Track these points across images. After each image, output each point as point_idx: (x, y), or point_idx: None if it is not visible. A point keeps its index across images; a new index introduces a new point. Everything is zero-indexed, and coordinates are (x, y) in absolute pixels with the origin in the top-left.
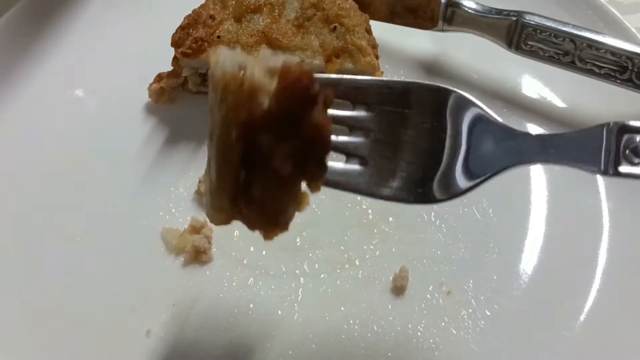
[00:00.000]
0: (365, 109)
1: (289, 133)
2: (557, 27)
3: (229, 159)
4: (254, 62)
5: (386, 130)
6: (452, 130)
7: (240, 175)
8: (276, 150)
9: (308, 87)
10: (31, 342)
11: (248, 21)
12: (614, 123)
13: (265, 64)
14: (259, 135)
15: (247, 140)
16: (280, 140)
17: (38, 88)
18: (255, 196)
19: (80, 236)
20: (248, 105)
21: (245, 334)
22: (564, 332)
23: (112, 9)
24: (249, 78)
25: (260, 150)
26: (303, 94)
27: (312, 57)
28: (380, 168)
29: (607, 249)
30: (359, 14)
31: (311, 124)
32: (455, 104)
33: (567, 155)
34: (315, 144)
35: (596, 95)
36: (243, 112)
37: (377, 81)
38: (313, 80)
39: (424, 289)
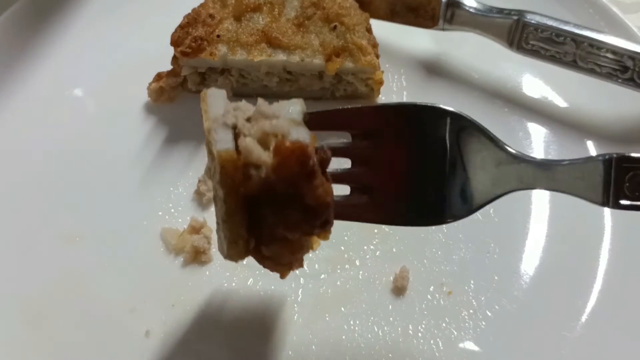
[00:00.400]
0: (363, 137)
1: (291, 204)
2: (558, 26)
3: (237, 230)
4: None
5: (386, 157)
6: (452, 152)
7: (250, 241)
8: (280, 221)
9: (304, 162)
10: (31, 342)
11: (248, 20)
12: (615, 155)
13: (260, 130)
14: (263, 208)
15: (252, 212)
16: (283, 211)
17: (37, 87)
18: (267, 254)
19: (79, 236)
20: (247, 183)
21: (245, 334)
22: (565, 332)
23: (112, 8)
24: (244, 155)
25: (266, 221)
26: (300, 169)
27: (312, 56)
28: (382, 195)
29: (608, 249)
30: (359, 12)
31: (312, 196)
32: (455, 124)
33: (568, 184)
34: (318, 210)
35: (597, 95)
36: (243, 190)
37: (372, 108)
38: (308, 155)
39: (424, 289)
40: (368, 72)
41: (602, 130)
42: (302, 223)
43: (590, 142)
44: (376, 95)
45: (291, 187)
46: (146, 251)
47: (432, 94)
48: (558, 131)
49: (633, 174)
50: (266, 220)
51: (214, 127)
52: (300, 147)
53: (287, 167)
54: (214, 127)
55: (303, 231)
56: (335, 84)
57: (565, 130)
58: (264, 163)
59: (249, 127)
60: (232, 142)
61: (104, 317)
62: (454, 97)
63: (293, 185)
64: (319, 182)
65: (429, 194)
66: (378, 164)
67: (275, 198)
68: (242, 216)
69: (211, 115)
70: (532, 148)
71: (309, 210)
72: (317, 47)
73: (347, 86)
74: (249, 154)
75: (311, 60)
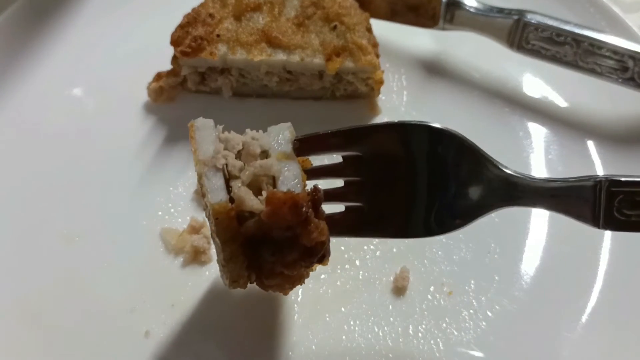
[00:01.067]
0: (355, 157)
1: (288, 245)
2: (558, 26)
3: (237, 271)
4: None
5: (378, 175)
6: (443, 169)
7: (251, 276)
8: (278, 260)
9: (296, 212)
10: (30, 342)
11: (248, 20)
12: (605, 179)
13: (251, 175)
14: (260, 249)
15: (250, 250)
16: (280, 252)
17: (36, 87)
18: (268, 285)
19: (79, 236)
20: (242, 227)
21: (245, 334)
22: (566, 333)
23: (111, 7)
24: (237, 203)
25: (264, 259)
26: (292, 217)
27: (312, 55)
28: (376, 211)
29: (609, 249)
30: (360, 12)
31: (308, 239)
32: (446, 142)
33: (560, 205)
34: (315, 250)
35: (597, 94)
36: (239, 238)
37: (362, 129)
38: (300, 205)
39: (425, 289)
40: (368, 71)
41: (603, 130)
42: (299, 261)
43: (591, 141)
44: (376, 94)
45: (286, 231)
46: (146, 251)
47: (432, 94)
48: (558, 131)
49: (622, 197)
50: (264, 259)
51: (205, 172)
52: (291, 197)
53: (280, 216)
54: (205, 173)
55: (301, 267)
56: (336, 83)
57: (565, 130)
58: (257, 210)
59: (239, 167)
60: (224, 191)
61: (103, 317)
62: (454, 96)
63: (288, 229)
64: (313, 227)
65: (421, 209)
66: (370, 181)
67: (271, 239)
68: (241, 258)
69: (201, 158)
70: (532, 148)
71: (306, 249)
72: (317, 47)
73: (347, 86)
74: (242, 203)
75: (311, 60)
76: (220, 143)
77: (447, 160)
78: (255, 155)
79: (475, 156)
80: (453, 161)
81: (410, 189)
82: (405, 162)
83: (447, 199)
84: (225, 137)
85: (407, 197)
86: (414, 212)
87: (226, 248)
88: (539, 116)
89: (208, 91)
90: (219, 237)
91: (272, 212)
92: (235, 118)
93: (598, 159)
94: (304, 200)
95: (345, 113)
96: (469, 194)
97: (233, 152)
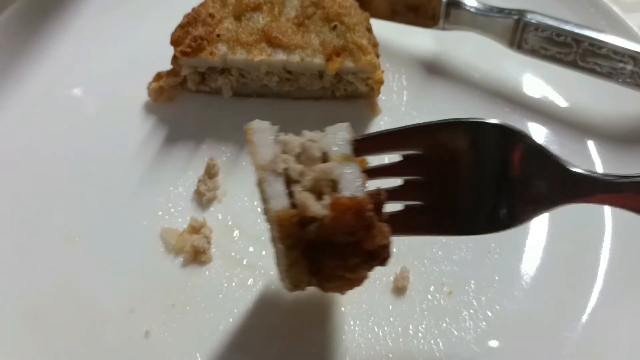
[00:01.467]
0: (414, 155)
1: (349, 249)
2: (558, 25)
3: (299, 276)
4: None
5: (438, 172)
6: (506, 165)
7: (311, 281)
8: (340, 264)
9: (361, 217)
10: (30, 342)
11: (248, 19)
12: None
13: (312, 180)
14: (321, 253)
15: (311, 255)
16: (342, 256)
17: (36, 87)
18: (328, 287)
19: (79, 236)
20: (304, 232)
21: (245, 334)
22: (566, 333)
23: (111, 7)
24: (300, 209)
25: (326, 264)
26: (356, 223)
27: (312, 55)
28: (436, 209)
29: (609, 249)
30: (360, 12)
31: (371, 243)
32: (507, 139)
33: (626, 202)
34: (377, 253)
35: (598, 94)
36: (302, 243)
37: (419, 128)
38: (364, 209)
39: (425, 289)
40: (368, 71)
41: (603, 130)
42: (361, 264)
43: (591, 141)
44: (376, 94)
45: (348, 235)
46: (146, 251)
47: (432, 94)
48: (559, 131)
49: None
50: (326, 263)
51: (265, 177)
52: (356, 203)
53: (344, 222)
54: (266, 178)
55: (363, 270)
56: (336, 83)
57: (565, 130)
58: (319, 216)
59: (299, 171)
60: (285, 198)
61: (103, 317)
62: (455, 96)
63: (350, 234)
64: (377, 231)
65: (483, 206)
66: (430, 180)
67: (333, 243)
68: (303, 263)
69: (260, 162)
70: None
71: (368, 253)
72: (317, 47)
73: (347, 86)
74: (305, 209)
75: (311, 60)
76: (278, 145)
77: (510, 156)
78: (316, 158)
79: (538, 152)
80: (516, 157)
81: (471, 186)
82: (466, 159)
83: (510, 196)
84: (283, 140)
85: (469, 194)
86: (476, 209)
87: (289, 254)
88: (539, 116)
89: (208, 91)
90: (283, 243)
91: (336, 217)
92: (235, 118)
93: (598, 158)
94: (368, 205)
95: (345, 113)
96: (532, 190)
97: (292, 155)
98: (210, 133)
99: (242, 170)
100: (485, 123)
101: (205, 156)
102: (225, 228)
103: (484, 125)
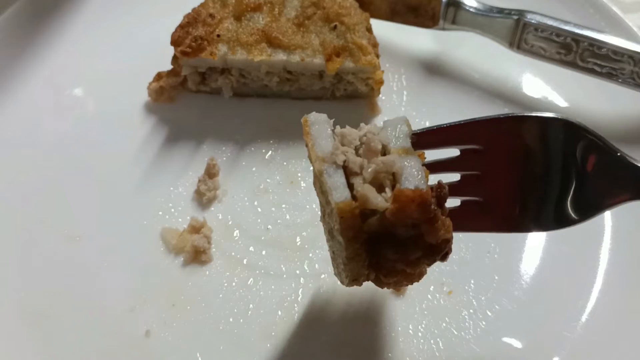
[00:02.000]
0: (472, 150)
1: (412, 243)
2: (558, 26)
3: (358, 270)
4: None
5: (497, 168)
6: (569, 161)
7: (370, 275)
8: (401, 258)
9: (424, 210)
10: (30, 342)
11: (248, 20)
12: None
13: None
14: (382, 247)
15: (371, 248)
16: (404, 250)
17: (36, 87)
18: (386, 282)
19: (79, 236)
20: (365, 224)
21: (245, 334)
22: (566, 332)
23: (112, 7)
24: (361, 202)
25: (386, 257)
26: (420, 215)
27: (312, 55)
28: (494, 205)
29: (609, 249)
30: (360, 12)
31: (434, 237)
32: (566, 132)
33: None
34: (440, 247)
35: (597, 94)
36: (362, 236)
37: (479, 122)
38: (428, 202)
39: (424, 289)
40: (368, 71)
41: (602, 130)
42: (423, 259)
43: None
44: (376, 94)
45: (411, 229)
46: (146, 251)
47: (432, 94)
48: None
49: None
50: (386, 257)
51: (325, 169)
52: (420, 195)
53: (407, 214)
54: (326, 170)
55: (423, 264)
56: (336, 83)
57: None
58: (381, 208)
59: (359, 163)
60: (346, 189)
61: (103, 317)
62: (455, 96)
63: (413, 227)
64: (440, 225)
65: (546, 202)
66: (488, 175)
67: (394, 237)
68: (363, 256)
69: (320, 154)
70: None
71: (430, 247)
72: (318, 47)
73: (347, 86)
74: (366, 201)
75: (311, 60)
76: (337, 138)
77: (573, 152)
78: (377, 151)
79: (602, 148)
80: (579, 154)
81: (535, 182)
82: (528, 155)
83: (573, 192)
84: (341, 132)
85: (530, 190)
86: (540, 204)
87: (349, 246)
88: None
89: (208, 91)
90: (343, 236)
91: (399, 210)
92: (235, 118)
93: None
94: (431, 197)
95: (345, 113)
96: (595, 187)
97: (351, 148)
98: (210, 133)
99: (242, 170)
100: (551, 118)
101: (205, 156)
102: (226, 228)
103: (549, 120)
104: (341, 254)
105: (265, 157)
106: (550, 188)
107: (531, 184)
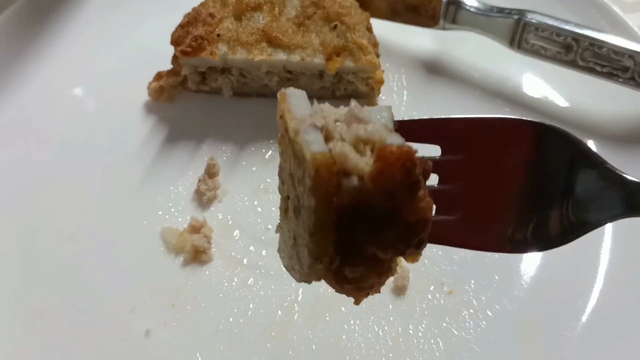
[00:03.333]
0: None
1: (387, 220)
2: (559, 25)
3: (324, 245)
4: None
5: (480, 174)
6: (551, 171)
7: (334, 260)
8: (374, 238)
9: (409, 170)
10: (30, 342)
11: (248, 19)
12: None
13: (354, 136)
14: (353, 224)
15: (342, 227)
16: (377, 228)
17: (37, 87)
18: (350, 276)
19: (79, 236)
20: (339, 193)
21: (245, 334)
22: (566, 332)
23: (112, 7)
24: (339, 161)
25: (357, 238)
26: (403, 178)
27: (312, 55)
28: (472, 217)
29: (609, 249)
30: (360, 12)
31: (414, 210)
32: (552, 140)
33: None
34: (417, 227)
35: (598, 94)
36: (336, 200)
37: (468, 120)
38: (415, 162)
39: (425, 289)
40: (368, 71)
41: (603, 130)
42: (397, 241)
43: (591, 141)
44: (376, 94)
45: (389, 199)
46: (146, 251)
47: (432, 94)
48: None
49: None
50: (357, 237)
51: (302, 127)
52: (407, 152)
53: (389, 176)
54: (303, 128)
55: (396, 250)
56: (336, 83)
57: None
58: (361, 171)
59: (341, 129)
60: (325, 145)
61: (103, 317)
62: (455, 96)
63: (391, 197)
64: (423, 195)
65: (525, 218)
66: (469, 181)
67: (368, 212)
68: (330, 230)
69: (297, 115)
70: None
71: (407, 227)
72: (318, 47)
73: (347, 85)
74: (345, 160)
75: (312, 60)
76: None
77: (561, 165)
78: (360, 119)
79: (592, 161)
80: (568, 167)
81: (518, 197)
82: (512, 161)
83: (562, 210)
84: (319, 107)
85: (514, 205)
86: (520, 223)
87: (319, 209)
88: (539, 116)
89: (208, 91)
90: (315, 194)
91: (383, 169)
92: (236, 118)
93: None
94: (419, 161)
95: None
96: (586, 204)
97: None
98: (210, 133)
99: (242, 170)
100: (550, 127)
101: (205, 156)
102: (226, 228)
103: (548, 128)
104: (308, 221)
105: (265, 157)
106: (537, 205)
107: (515, 198)
